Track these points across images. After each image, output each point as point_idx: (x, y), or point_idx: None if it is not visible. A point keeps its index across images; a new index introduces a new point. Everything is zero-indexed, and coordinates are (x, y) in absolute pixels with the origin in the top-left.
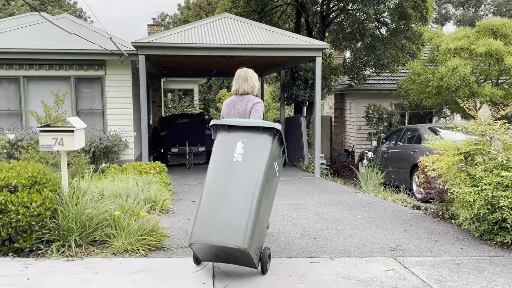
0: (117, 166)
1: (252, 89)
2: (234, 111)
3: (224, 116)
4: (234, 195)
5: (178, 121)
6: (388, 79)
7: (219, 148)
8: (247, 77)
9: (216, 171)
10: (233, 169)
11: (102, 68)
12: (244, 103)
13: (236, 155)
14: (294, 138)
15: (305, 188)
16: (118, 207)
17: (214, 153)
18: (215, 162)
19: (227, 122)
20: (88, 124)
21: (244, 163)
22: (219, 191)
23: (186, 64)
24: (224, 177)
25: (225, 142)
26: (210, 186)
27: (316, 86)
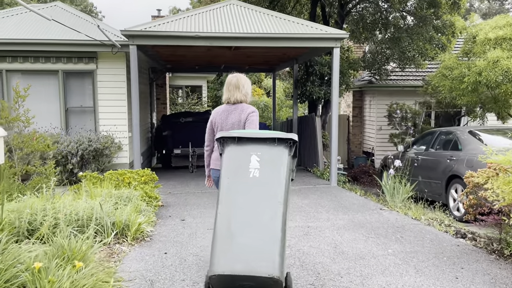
0: (96, 175)
1: (245, 97)
2: (226, 122)
3: (215, 126)
4: (258, 215)
5: (182, 120)
6: (412, 74)
7: (231, 163)
8: (239, 85)
9: (231, 189)
10: (251, 186)
11: (93, 61)
12: (238, 113)
13: (252, 170)
14: (308, 139)
15: (319, 201)
16: (54, 249)
17: (225, 169)
18: (229, 179)
19: (237, 134)
20: (78, 123)
21: (262, 179)
22: (239, 212)
23: (189, 57)
24: (243, 195)
25: (237, 156)
26: (227, 206)
27: (333, 82)
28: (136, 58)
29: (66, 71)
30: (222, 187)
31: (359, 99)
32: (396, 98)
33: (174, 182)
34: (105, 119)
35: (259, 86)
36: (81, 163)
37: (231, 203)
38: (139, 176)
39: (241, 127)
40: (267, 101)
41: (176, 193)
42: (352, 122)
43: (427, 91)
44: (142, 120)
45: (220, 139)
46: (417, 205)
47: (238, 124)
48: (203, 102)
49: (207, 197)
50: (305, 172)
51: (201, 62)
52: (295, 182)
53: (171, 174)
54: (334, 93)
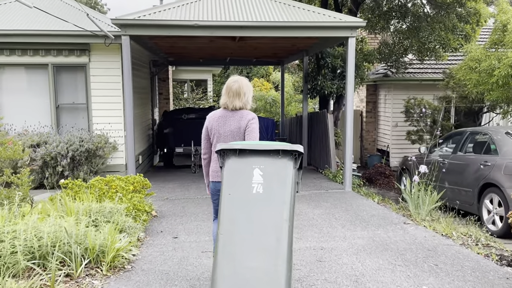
0: (80, 182)
1: (245, 105)
2: (224, 129)
3: (211, 133)
4: (263, 236)
5: (184, 117)
6: (430, 67)
7: (232, 177)
8: (240, 92)
9: (233, 207)
10: (254, 203)
11: (85, 53)
12: (237, 120)
13: (255, 185)
14: (319, 138)
15: (333, 212)
16: None
17: (227, 184)
18: (230, 196)
19: (239, 146)
20: (70, 121)
21: (266, 195)
22: (243, 232)
23: (192, 50)
24: (246, 214)
25: (238, 169)
26: (230, 226)
27: (348, 76)
28: (128, 50)
29: (57, 65)
30: (223, 204)
31: (373, 93)
32: (413, 92)
33: (173, 184)
34: (99, 116)
35: (267, 80)
36: (72, 165)
37: (233, 222)
38: (128, 184)
39: (240, 134)
40: (275, 96)
41: (174, 198)
42: (366, 118)
43: (448, 85)
44: (142, 116)
45: (220, 152)
46: (445, 216)
47: (237, 132)
48: (209, 96)
49: (207, 204)
50: (316, 173)
51: (204, 54)
52: (305, 184)
53: (172, 175)
54: (349, 88)
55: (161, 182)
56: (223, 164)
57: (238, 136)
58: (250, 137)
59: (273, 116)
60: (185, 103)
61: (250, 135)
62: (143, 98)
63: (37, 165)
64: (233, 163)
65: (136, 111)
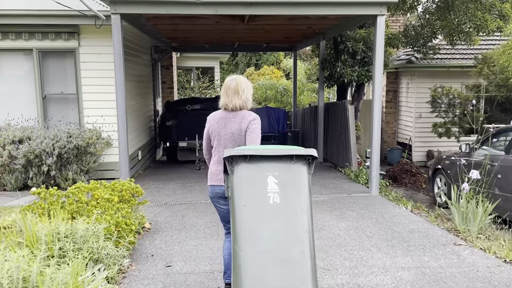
0: (55, 191)
1: (245, 103)
2: (225, 131)
3: (212, 135)
4: (286, 252)
5: (188, 108)
6: (458, 52)
7: (245, 186)
8: (238, 90)
9: (251, 219)
10: (273, 215)
11: (74, 37)
12: (238, 121)
13: (271, 194)
14: (337, 131)
15: (361, 225)
16: None
17: (239, 193)
18: (246, 207)
19: (249, 152)
20: (58, 114)
21: (284, 205)
22: (265, 249)
23: (196, 34)
24: (266, 227)
25: (251, 177)
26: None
27: (376, 60)
28: (119, 31)
29: (42, 50)
30: (239, 217)
31: (394, 81)
32: (439, 80)
33: (174, 184)
34: (90, 108)
35: (277, 67)
36: (60, 163)
37: (254, 237)
38: (115, 192)
39: (241, 136)
40: (286, 84)
41: (173, 203)
42: (385, 109)
43: (481, 72)
44: (143, 107)
45: (229, 158)
46: (498, 231)
47: (238, 133)
48: (216, 85)
49: (211, 212)
50: (334, 171)
51: (211, 39)
52: (323, 185)
53: (174, 172)
54: (377, 75)
55: (161, 182)
56: (232, 171)
57: (239, 138)
58: (251, 137)
59: (284, 106)
60: (191, 92)
61: (251, 136)
62: (143, 87)
63: (19, 163)
64: (244, 171)
65: (135, 101)
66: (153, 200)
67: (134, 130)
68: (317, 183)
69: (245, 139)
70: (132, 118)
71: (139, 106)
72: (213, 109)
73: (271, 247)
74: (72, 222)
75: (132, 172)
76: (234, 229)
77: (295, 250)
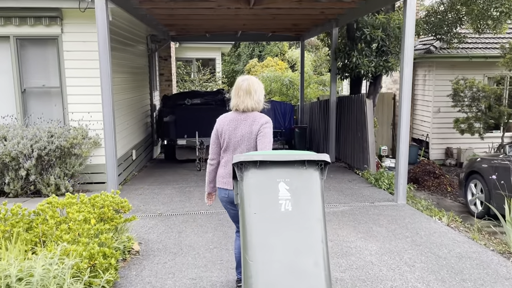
0: (17, 209)
1: (258, 104)
2: (235, 133)
3: (222, 137)
4: (299, 262)
5: (187, 102)
6: (481, 41)
7: (255, 193)
8: (251, 90)
9: (262, 228)
10: (284, 223)
11: (57, 22)
12: (249, 124)
13: (282, 202)
14: (352, 128)
15: (397, 247)
16: None
17: (249, 201)
18: (256, 216)
19: (259, 157)
20: (39, 110)
21: (296, 213)
22: (278, 259)
23: (195, 20)
24: (277, 235)
25: (261, 184)
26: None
27: (406, 47)
28: (104, 13)
29: (21, 37)
30: (250, 226)
31: None
32: (459, 72)
33: (171, 189)
34: (76, 103)
35: (281, 59)
36: (40, 167)
37: (265, 247)
38: (95, 210)
39: (251, 139)
40: (292, 77)
41: (169, 213)
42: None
43: (509, 63)
44: (138, 102)
45: (238, 164)
46: None
47: (249, 136)
48: (217, 77)
49: (213, 227)
50: (349, 173)
51: (211, 27)
52: (340, 191)
53: (172, 172)
54: (405, 64)
55: (157, 185)
56: (242, 178)
57: (249, 142)
58: (263, 142)
59: (289, 100)
60: (191, 85)
61: (262, 140)
62: (138, 80)
63: None
64: (253, 177)
65: (129, 95)
66: (146, 209)
67: (128, 127)
68: (332, 188)
69: (256, 143)
70: (125, 114)
71: (133, 101)
72: (215, 103)
73: (283, 257)
74: (30, 257)
75: (125, 175)
76: (244, 238)
77: (308, 260)
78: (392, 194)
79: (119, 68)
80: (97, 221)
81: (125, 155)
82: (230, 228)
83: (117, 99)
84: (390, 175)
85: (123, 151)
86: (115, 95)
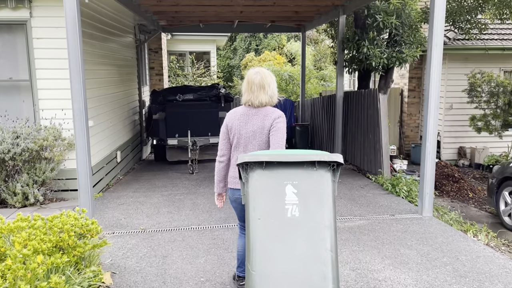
0: None
1: (271, 98)
2: (246, 128)
3: (232, 132)
4: (304, 274)
5: (179, 98)
6: (497, 32)
7: (260, 196)
8: (264, 84)
9: (266, 235)
10: (290, 230)
11: (24, 4)
12: (261, 118)
13: (289, 207)
14: (362, 127)
15: (438, 284)
16: None
17: (254, 204)
18: (260, 221)
19: (265, 158)
20: (5, 107)
21: (304, 219)
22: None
23: (187, 8)
24: (282, 244)
25: (267, 187)
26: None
27: (435, 33)
28: None
29: None
30: (253, 232)
31: (419, 66)
32: (473, 65)
33: (159, 197)
34: (47, 99)
35: (279, 53)
36: (5, 173)
37: (267, 256)
38: (51, 237)
39: (263, 135)
40: (291, 71)
41: (154, 230)
42: (407, 98)
43: None
44: (124, 97)
45: (243, 165)
46: None
47: (260, 131)
48: (212, 72)
49: (206, 250)
50: (360, 177)
51: (205, 15)
52: (352, 199)
53: (162, 176)
54: (434, 54)
55: (143, 192)
56: (247, 179)
57: (260, 137)
58: (276, 137)
59: (289, 96)
60: (184, 80)
61: (275, 135)
62: (125, 73)
63: None
64: (259, 178)
65: (113, 90)
66: (127, 224)
67: (111, 125)
68: (343, 195)
69: (268, 139)
70: (108, 111)
71: (118, 96)
72: (209, 99)
73: (288, 268)
74: None
75: (108, 179)
76: (248, 245)
77: (315, 272)
78: (412, 203)
79: (102, 60)
80: (52, 252)
81: (108, 157)
82: (226, 250)
83: (98, 94)
84: (409, 181)
85: (105, 152)
86: (97, 89)
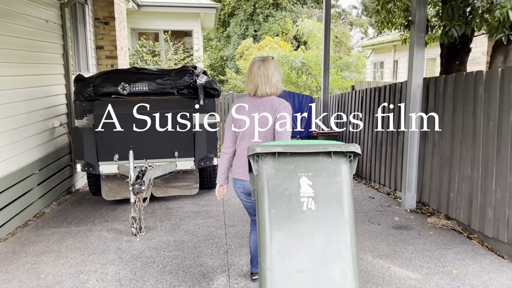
0: None
1: (276, 88)
2: (251, 120)
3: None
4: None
5: (122, 90)
6: None
7: (273, 189)
8: (268, 73)
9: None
10: (306, 224)
11: None
12: (267, 109)
13: (304, 200)
14: (483, 149)
15: None
16: None
17: (266, 198)
18: (274, 215)
19: (278, 148)
20: None
21: (320, 212)
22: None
23: None
24: (298, 239)
25: (280, 179)
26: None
27: None
28: None
29: None
30: (266, 226)
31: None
32: None
33: None
34: None
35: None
36: None
37: (283, 251)
38: None
39: (269, 126)
40: (304, 57)
41: None
42: None
43: None
44: (25, 89)
45: (254, 156)
46: None
47: (266, 122)
48: (195, 58)
49: None
50: (483, 251)
51: None
52: None
53: (73, 244)
54: None
55: None
56: (258, 171)
57: (266, 128)
58: (281, 129)
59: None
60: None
61: (281, 127)
62: (29, 47)
63: None
64: (271, 171)
65: None
66: None
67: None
68: None
69: (274, 130)
70: None
71: (10, 85)
72: (177, 92)
73: (305, 265)
74: None
75: None
76: (260, 241)
77: (335, 269)
78: None
79: None
80: None
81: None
82: None
83: None
84: None
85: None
86: None
